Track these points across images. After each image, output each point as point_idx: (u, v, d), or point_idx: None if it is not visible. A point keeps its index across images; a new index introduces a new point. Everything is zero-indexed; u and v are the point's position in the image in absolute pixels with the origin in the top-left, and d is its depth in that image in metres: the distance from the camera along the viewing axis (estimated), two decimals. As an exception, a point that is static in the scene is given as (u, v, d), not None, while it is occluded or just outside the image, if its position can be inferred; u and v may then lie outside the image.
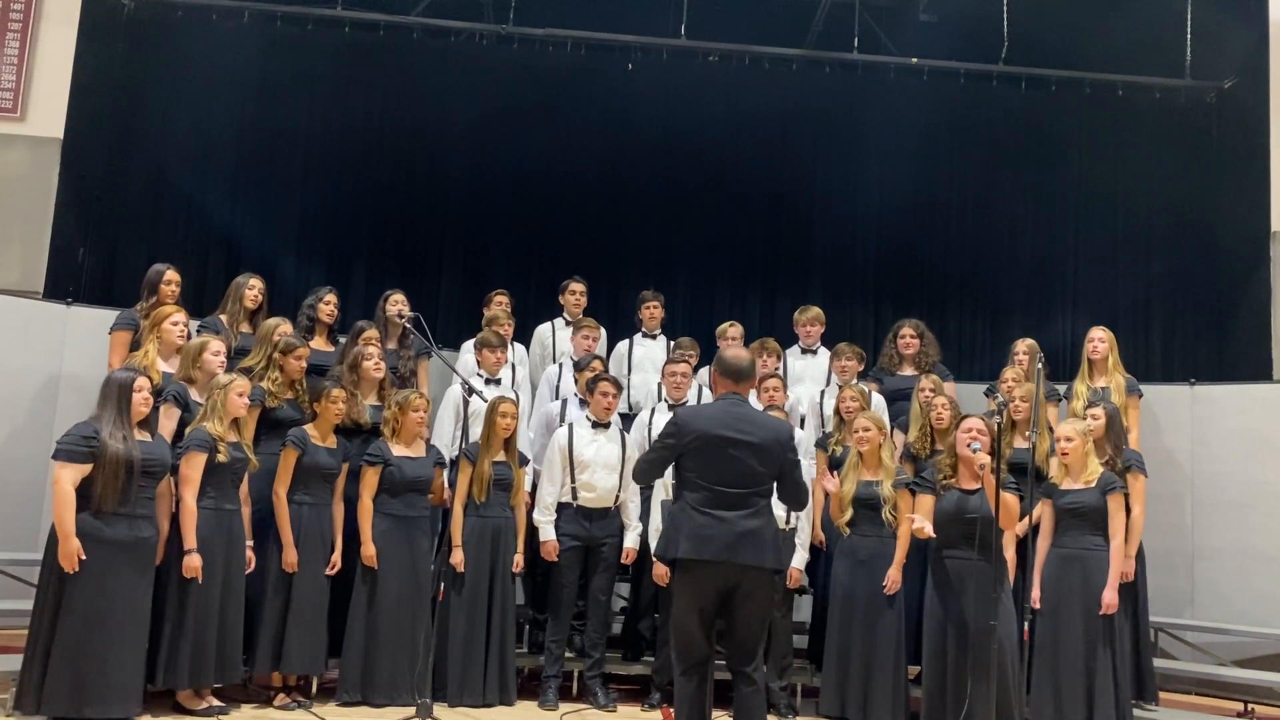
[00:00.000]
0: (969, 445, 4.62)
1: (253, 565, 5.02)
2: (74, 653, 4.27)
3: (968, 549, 4.63)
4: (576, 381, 6.05)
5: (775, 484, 4.11)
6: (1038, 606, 4.92)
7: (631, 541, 5.62)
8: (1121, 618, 4.97)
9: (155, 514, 4.59)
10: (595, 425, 5.63)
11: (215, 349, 5.09)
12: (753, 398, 5.31)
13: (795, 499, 4.26)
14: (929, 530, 4.67)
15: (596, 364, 6.01)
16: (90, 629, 4.30)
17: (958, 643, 4.63)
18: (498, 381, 5.94)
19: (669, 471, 4.19)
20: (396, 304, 6.12)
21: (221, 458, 4.74)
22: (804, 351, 6.67)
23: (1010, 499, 4.57)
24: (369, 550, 5.21)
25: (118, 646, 4.36)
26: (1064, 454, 5.05)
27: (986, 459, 4.43)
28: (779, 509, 4.58)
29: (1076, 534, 4.96)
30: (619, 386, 5.74)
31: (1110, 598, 4.85)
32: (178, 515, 4.71)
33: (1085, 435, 5.06)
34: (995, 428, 4.59)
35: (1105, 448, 5.24)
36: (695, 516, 3.97)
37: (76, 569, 4.27)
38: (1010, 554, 4.90)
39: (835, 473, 5.53)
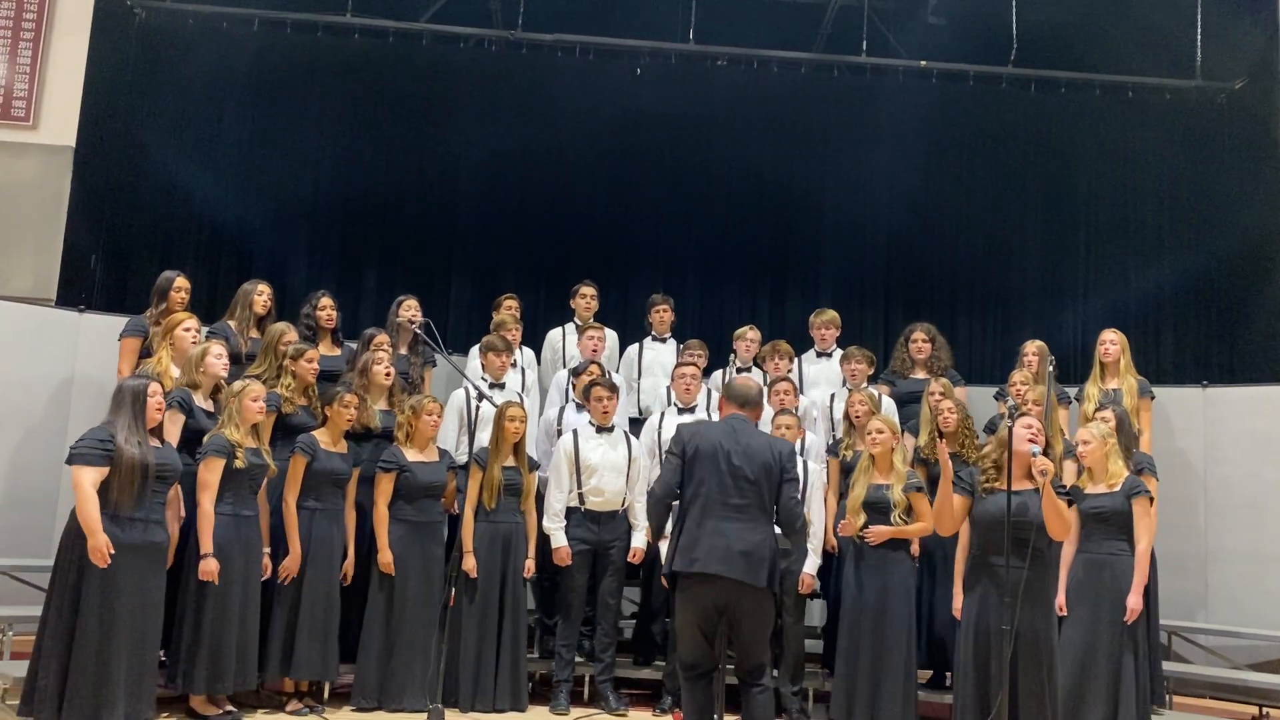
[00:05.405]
0: (1029, 447, 4.31)
1: (269, 572, 5.03)
2: (94, 657, 4.26)
3: (1018, 556, 4.23)
4: (574, 386, 6.05)
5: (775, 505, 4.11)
6: (1064, 612, 4.86)
7: (639, 541, 5.62)
8: (1140, 622, 4.94)
9: (165, 519, 4.61)
10: (599, 430, 5.64)
11: (217, 352, 5.10)
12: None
13: (789, 523, 4.15)
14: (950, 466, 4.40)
15: (594, 369, 5.99)
16: (108, 633, 4.30)
17: (1002, 651, 4.23)
18: (502, 386, 5.95)
19: None
20: (409, 310, 6.13)
21: (239, 464, 4.76)
22: (819, 355, 6.65)
23: (1065, 507, 4.35)
24: (386, 557, 5.23)
25: (133, 650, 4.37)
26: (1083, 457, 5.01)
27: (1049, 465, 4.26)
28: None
29: (1101, 539, 4.89)
30: (614, 389, 5.74)
31: (1135, 603, 4.80)
32: (194, 521, 4.73)
33: (1105, 438, 5.01)
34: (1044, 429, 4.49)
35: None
36: (693, 530, 4.02)
37: (108, 563, 4.27)
38: (1065, 562, 4.84)
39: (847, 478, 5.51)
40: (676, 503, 4.18)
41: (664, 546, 5.46)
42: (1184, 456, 6.72)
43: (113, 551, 4.28)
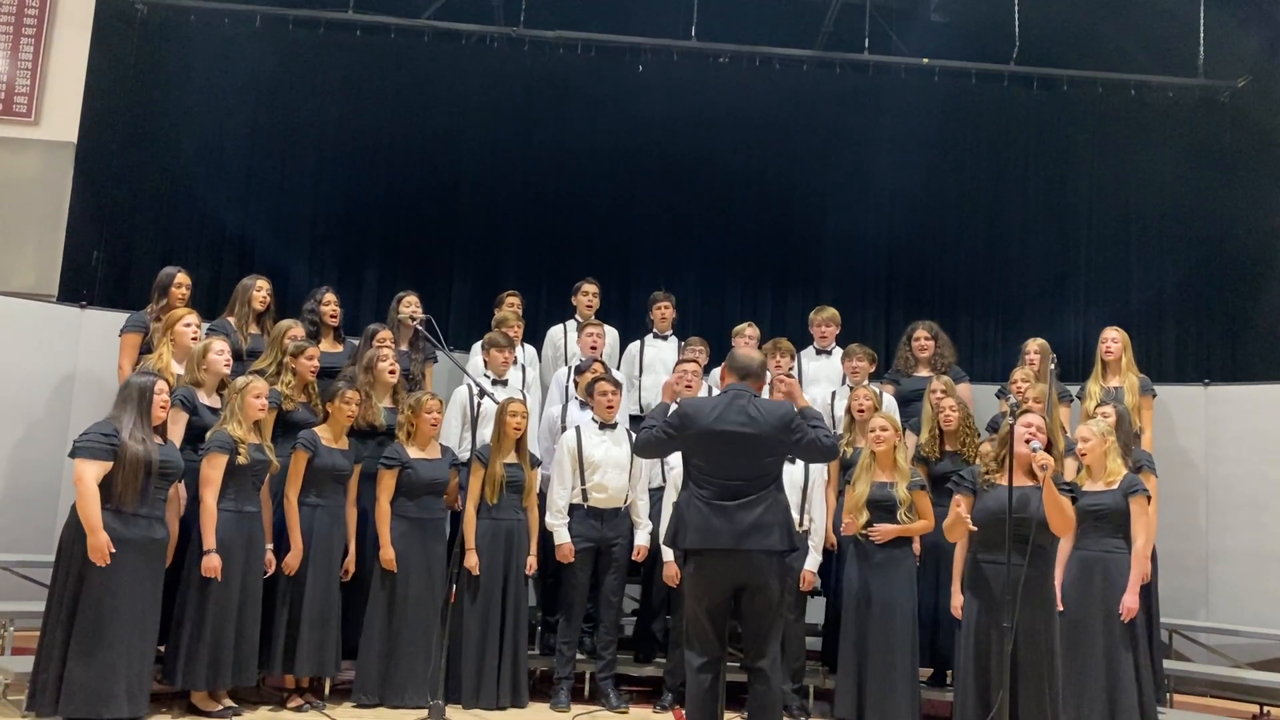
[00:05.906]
0: (1029, 444, 4.32)
1: (272, 568, 5.03)
2: (91, 652, 4.28)
3: (1019, 551, 4.18)
4: (576, 384, 6.05)
5: (787, 464, 4.21)
6: (1059, 609, 4.85)
7: (642, 539, 5.62)
8: (1140, 620, 4.93)
9: (166, 516, 4.62)
10: (602, 426, 5.64)
11: (218, 348, 5.11)
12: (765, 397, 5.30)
13: (819, 456, 4.32)
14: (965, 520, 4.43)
15: (597, 366, 6.00)
16: (107, 628, 4.31)
17: (1004, 649, 4.22)
18: (504, 382, 5.95)
19: (679, 474, 4.20)
20: (409, 306, 6.12)
21: (242, 460, 4.77)
22: (819, 353, 6.63)
23: (1067, 503, 4.34)
24: (388, 554, 5.23)
25: (132, 646, 4.38)
26: (1083, 454, 5.00)
27: (1049, 460, 4.26)
28: (792, 511, 4.57)
29: (1097, 536, 4.87)
30: (618, 385, 5.74)
31: (1131, 602, 4.78)
32: (197, 517, 4.73)
33: (1104, 436, 5.00)
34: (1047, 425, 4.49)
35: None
36: (701, 509, 4.06)
37: (108, 562, 4.29)
38: (1061, 559, 4.82)
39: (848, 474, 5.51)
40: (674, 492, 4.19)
41: (665, 546, 5.53)
42: (1185, 455, 6.72)
43: (113, 550, 4.29)
